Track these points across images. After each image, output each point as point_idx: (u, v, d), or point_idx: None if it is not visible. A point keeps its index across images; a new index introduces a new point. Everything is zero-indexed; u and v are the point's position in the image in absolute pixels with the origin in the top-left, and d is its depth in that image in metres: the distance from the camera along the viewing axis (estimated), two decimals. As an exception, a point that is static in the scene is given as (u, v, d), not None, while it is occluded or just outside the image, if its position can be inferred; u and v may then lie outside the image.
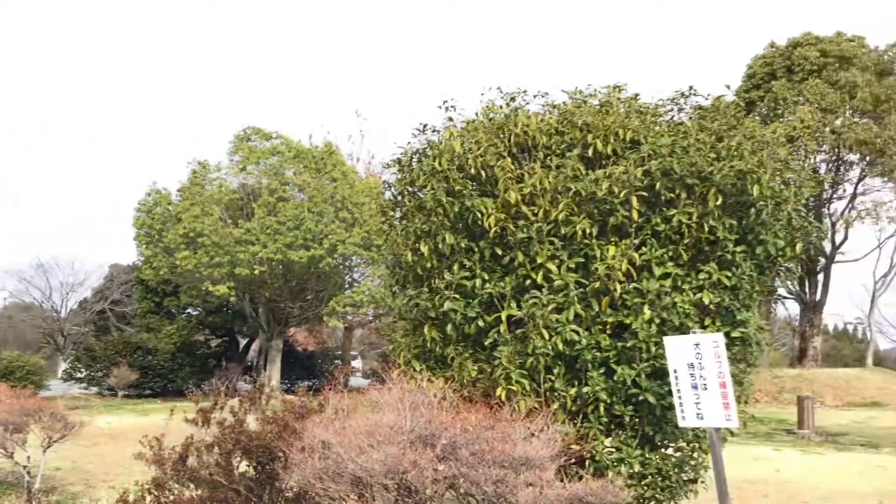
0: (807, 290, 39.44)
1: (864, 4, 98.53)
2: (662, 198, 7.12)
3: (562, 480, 5.97)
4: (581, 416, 6.99)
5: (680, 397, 6.42)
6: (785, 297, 41.89)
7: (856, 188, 38.03)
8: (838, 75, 35.30)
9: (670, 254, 7.07)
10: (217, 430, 7.54)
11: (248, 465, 7.45)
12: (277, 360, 33.74)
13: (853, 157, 36.49)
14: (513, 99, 8.06)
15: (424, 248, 7.52)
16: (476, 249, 7.44)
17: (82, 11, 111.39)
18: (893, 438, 21.12)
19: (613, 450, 6.95)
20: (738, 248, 7.09)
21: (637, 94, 8.10)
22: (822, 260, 38.89)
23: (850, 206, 38.26)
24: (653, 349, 6.73)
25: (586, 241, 7.08)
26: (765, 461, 15.56)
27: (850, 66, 35.73)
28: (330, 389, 7.34)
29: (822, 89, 35.00)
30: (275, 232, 29.03)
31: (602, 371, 6.90)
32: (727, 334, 6.97)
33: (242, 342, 39.92)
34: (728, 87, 37.63)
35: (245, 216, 30.82)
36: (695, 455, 7.23)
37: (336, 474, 6.03)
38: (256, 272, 29.02)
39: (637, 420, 7.04)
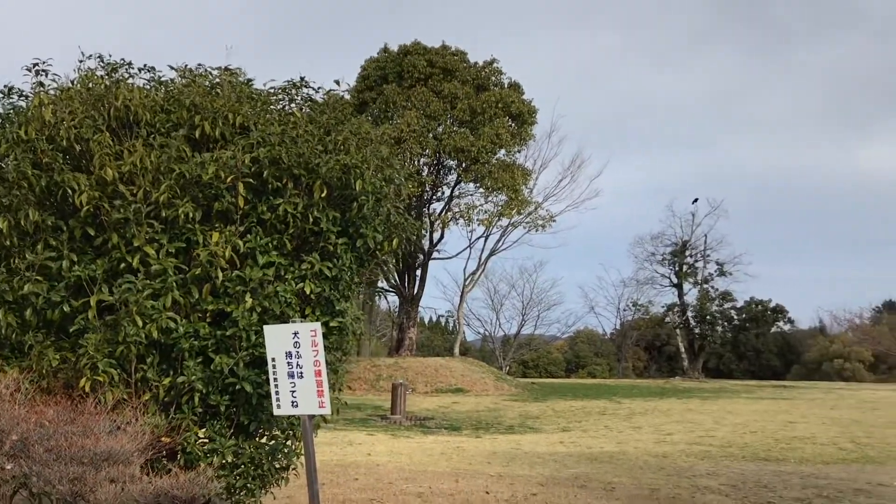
0: (406, 284, 42.08)
1: (468, 22, 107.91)
2: (270, 186, 7.09)
3: (149, 474, 5.72)
4: (175, 406, 6.75)
5: (276, 386, 6.47)
6: (386, 290, 44.60)
7: (452, 191, 41.57)
8: (442, 86, 38.21)
9: (275, 243, 7.08)
10: None
11: None
12: None
13: (452, 162, 39.60)
14: (115, 70, 7.54)
15: (3, 225, 6.72)
16: (65, 228, 6.82)
17: None
18: (472, 421, 23.38)
19: (207, 441, 6.80)
20: (340, 241, 7.27)
21: (250, 80, 8.00)
22: (421, 256, 41.89)
23: (447, 207, 41.71)
24: (253, 338, 6.70)
25: (189, 225, 6.82)
26: (359, 446, 16.35)
27: (452, 78, 38.83)
28: None
29: (427, 97, 37.60)
30: None
31: (199, 360, 6.72)
32: (326, 324, 7.17)
33: None
34: (338, 82, 38.90)
35: None
36: (288, 443, 7.30)
37: None
38: None
39: (233, 410, 6.96)
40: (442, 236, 42.77)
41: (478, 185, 40.02)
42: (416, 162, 39.01)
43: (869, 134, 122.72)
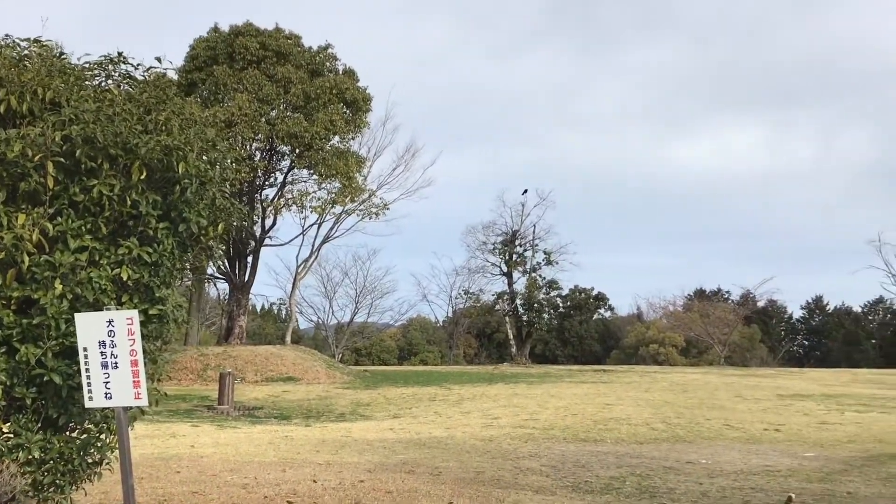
0: (237, 271, 41.13)
1: (302, 6, 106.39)
2: (83, 166, 6.69)
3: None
4: (-25, 400, 6.28)
5: (89, 377, 6.16)
6: (216, 278, 43.39)
7: (285, 177, 41.12)
8: (275, 69, 37.41)
9: (89, 226, 6.69)
10: None
11: None
12: None
13: (285, 148, 38.92)
14: None
15: None
16: None
17: None
18: (301, 410, 23.23)
19: (11, 435, 6.37)
20: (161, 225, 6.97)
21: (63, 54, 7.53)
22: (252, 243, 41.11)
23: (280, 193, 41.11)
24: (63, 326, 6.32)
25: (-8, 206, 6.36)
26: (182, 438, 15.82)
27: (286, 62, 38.09)
28: None
29: (260, 80, 36.74)
30: None
31: (3, 350, 6.27)
32: (144, 311, 6.86)
33: None
34: (159, 59, 37.53)
35: None
36: (102, 437, 6.96)
37: None
38: None
39: (41, 402, 6.55)
40: (274, 223, 42.29)
41: (311, 171, 39.69)
42: (248, 147, 38.11)
43: (686, 132, 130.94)
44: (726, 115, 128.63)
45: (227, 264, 41.06)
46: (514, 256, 55.07)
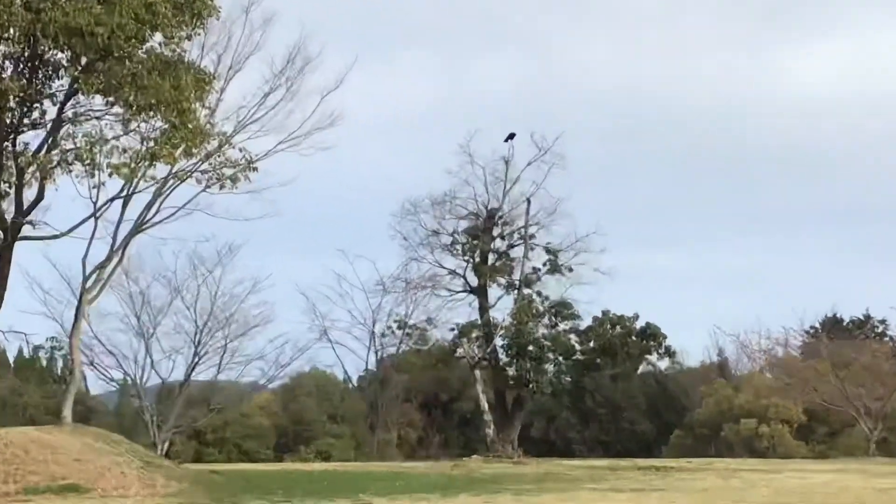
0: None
1: None
2: None
3: None
4: None
5: None
6: None
7: (61, 111, 39.61)
8: None
9: None
10: None
11: None
12: None
13: (61, 55, 38.00)
14: None
15: None
16: None
17: None
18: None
19: None
20: None
21: None
22: (0, 234, 39.51)
23: (52, 141, 39.47)
24: None
25: None
26: None
27: None
28: None
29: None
30: None
31: None
32: None
33: None
34: None
35: None
36: None
37: None
38: None
39: None
40: (41, 197, 41.09)
41: (111, 100, 38.94)
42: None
43: (801, 30, 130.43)
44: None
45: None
46: (492, 257, 55.44)
